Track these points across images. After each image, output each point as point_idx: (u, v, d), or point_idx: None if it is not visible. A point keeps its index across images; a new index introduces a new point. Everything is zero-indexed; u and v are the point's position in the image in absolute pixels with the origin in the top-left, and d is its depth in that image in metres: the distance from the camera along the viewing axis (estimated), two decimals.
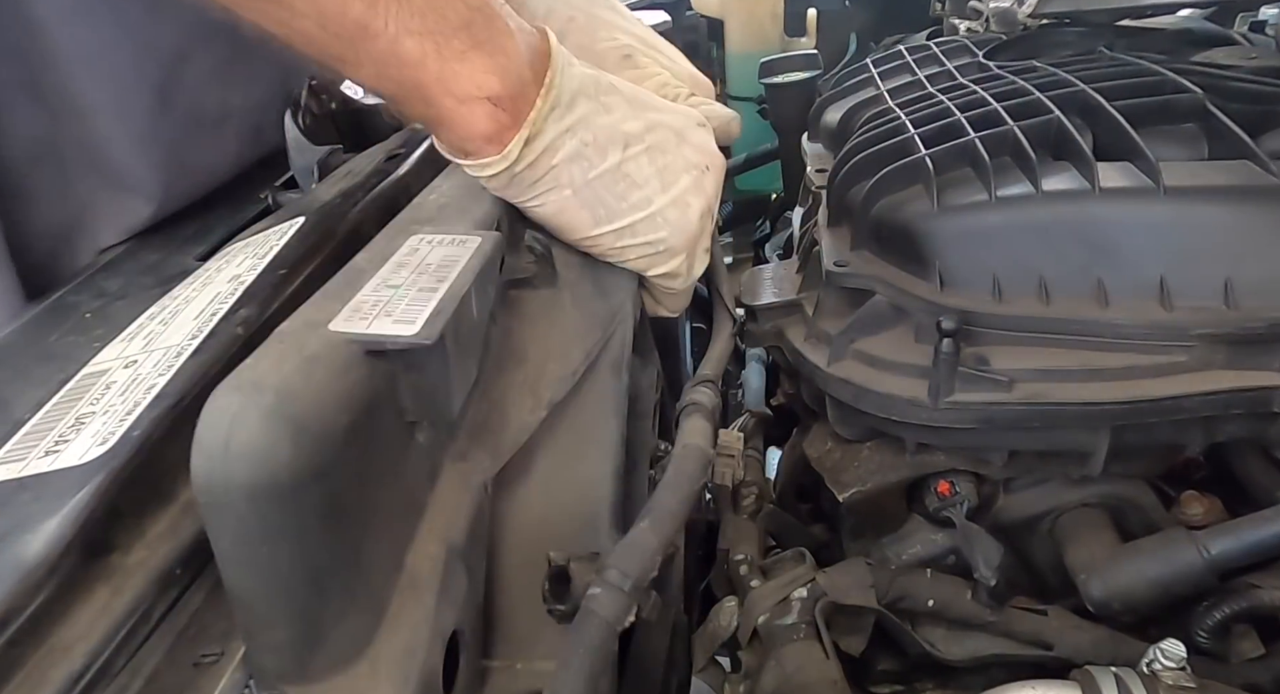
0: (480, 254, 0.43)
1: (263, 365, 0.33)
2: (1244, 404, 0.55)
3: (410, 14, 0.45)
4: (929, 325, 0.58)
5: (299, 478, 0.30)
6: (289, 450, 0.30)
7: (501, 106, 0.48)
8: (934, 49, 0.93)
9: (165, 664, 0.34)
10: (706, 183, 0.58)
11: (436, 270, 0.42)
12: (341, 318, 0.37)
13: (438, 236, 0.45)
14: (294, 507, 0.31)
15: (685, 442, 0.51)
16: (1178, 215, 0.56)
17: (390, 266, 0.42)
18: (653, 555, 0.42)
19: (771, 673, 0.56)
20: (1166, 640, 0.54)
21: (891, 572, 0.63)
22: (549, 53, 0.51)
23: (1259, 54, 0.78)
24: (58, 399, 0.42)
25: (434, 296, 0.39)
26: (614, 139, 0.54)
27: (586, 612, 0.39)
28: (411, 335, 0.36)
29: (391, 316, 0.37)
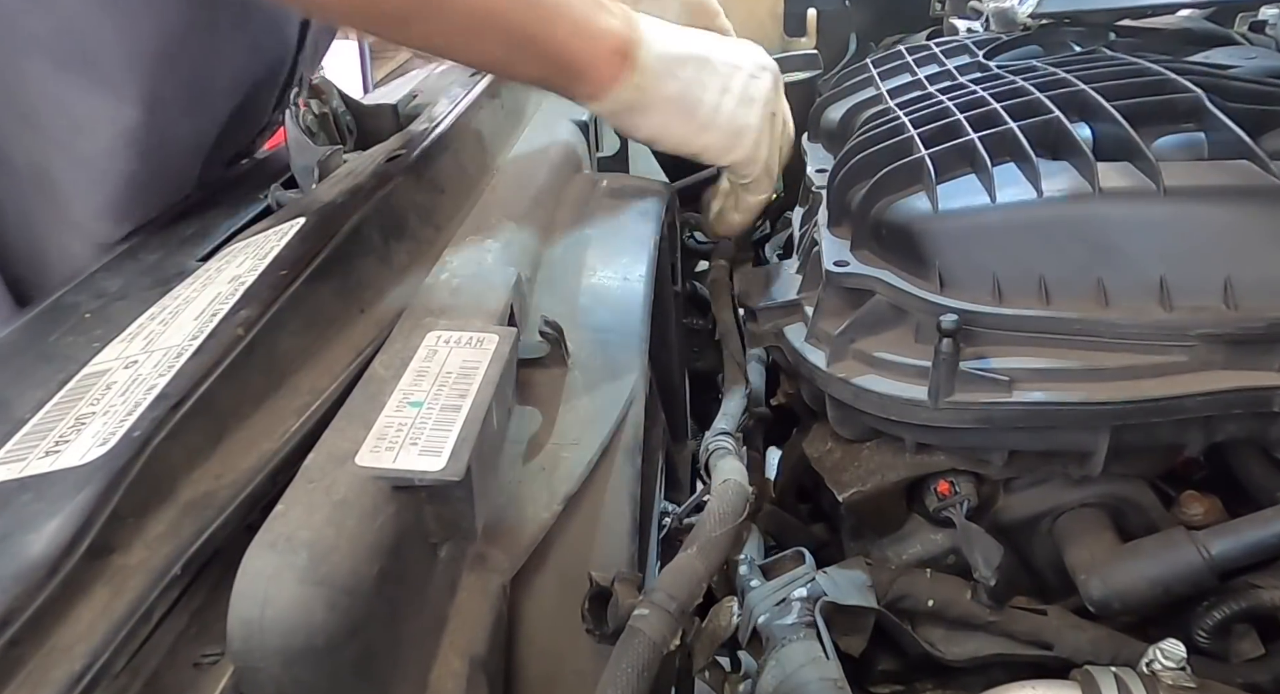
0: (498, 359, 0.44)
1: (294, 516, 0.33)
2: (1244, 404, 0.55)
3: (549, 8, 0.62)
4: (929, 325, 0.58)
5: (334, 639, 0.31)
6: (324, 614, 0.31)
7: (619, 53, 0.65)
8: (934, 49, 0.93)
9: (165, 664, 0.34)
10: (762, 82, 0.73)
11: (457, 381, 0.42)
12: (367, 449, 0.37)
13: (454, 335, 0.46)
14: (329, 667, 0.31)
15: (725, 477, 0.56)
16: (1178, 215, 0.56)
17: (410, 376, 0.43)
18: (700, 581, 0.43)
19: (771, 673, 0.56)
20: (1166, 640, 0.54)
21: (891, 572, 0.63)
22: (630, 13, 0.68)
23: (1259, 54, 0.78)
24: (58, 399, 0.42)
25: (457, 418, 0.39)
26: (686, 59, 0.69)
27: (633, 631, 0.39)
28: (439, 471, 0.36)
29: (417, 446, 0.38)
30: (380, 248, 0.59)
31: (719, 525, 0.48)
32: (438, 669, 0.38)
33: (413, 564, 0.37)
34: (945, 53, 0.91)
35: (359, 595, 0.32)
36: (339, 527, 0.33)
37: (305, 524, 0.33)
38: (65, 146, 0.65)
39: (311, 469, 0.36)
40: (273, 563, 0.31)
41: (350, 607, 0.32)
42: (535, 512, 0.47)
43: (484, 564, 0.43)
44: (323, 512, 0.33)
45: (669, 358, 0.81)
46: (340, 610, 0.31)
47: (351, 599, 0.32)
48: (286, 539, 0.32)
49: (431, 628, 0.39)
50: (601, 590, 0.42)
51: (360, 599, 0.32)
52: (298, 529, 0.32)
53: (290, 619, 0.30)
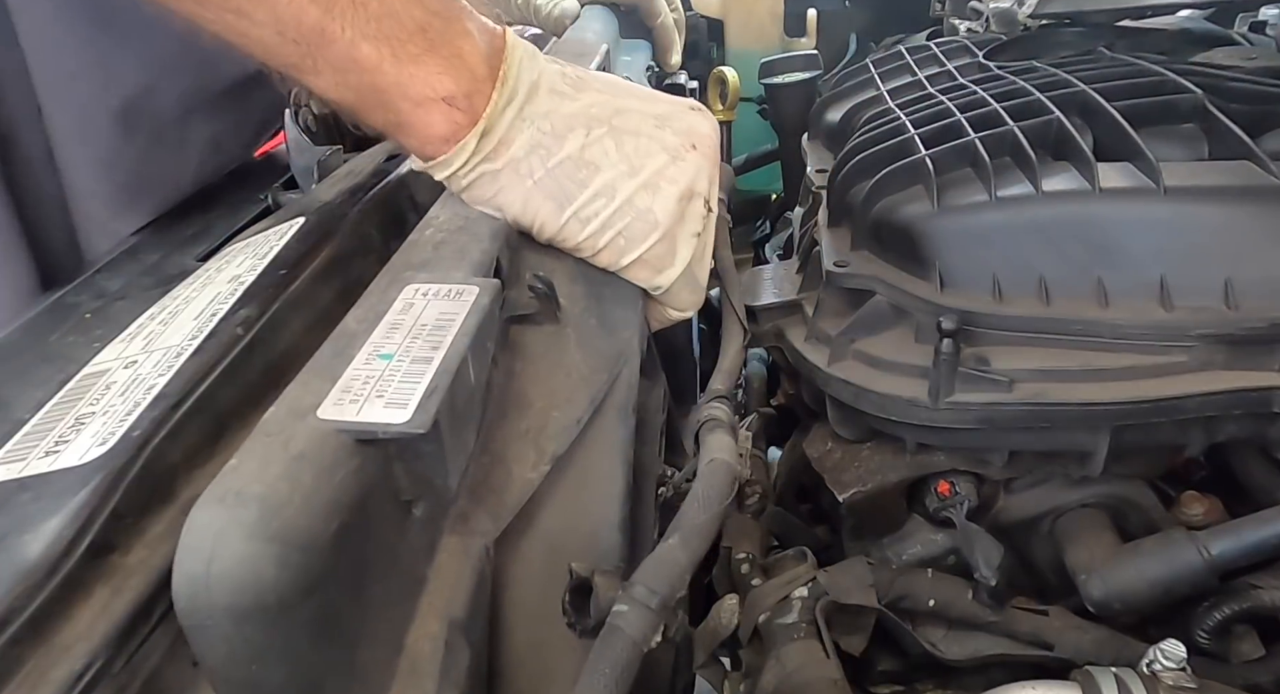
0: (477, 310, 0.42)
1: (246, 470, 0.31)
2: (1244, 404, 0.55)
3: (366, 19, 0.45)
4: (929, 325, 0.58)
5: (286, 598, 0.29)
6: (274, 571, 0.29)
7: (457, 106, 0.49)
8: (934, 49, 0.93)
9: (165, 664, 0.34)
10: (685, 165, 0.54)
11: (431, 333, 0.40)
12: (330, 402, 0.35)
13: (433, 288, 0.44)
14: (283, 626, 0.30)
15: (712, 456, 0.50)
16: (1178, 215, 0.56)
17: (383, 329, 0.41)
18: (682, 573, 0.40)
19: (772, 672, 0.56)
20: (1167, 641, 0.54)
21: (892, 571, 0.63)
22: (504, 48, 0.51)
23: (1259, 54, 0.78)
24: (58, 399, 0.42)
25: (428, 369, 0.37)
26: (574, 124, 0.52)
27: (612, 629, 0.37)
28: (403, 424, 0.34)
29: (383, 398, 0.36)
30: (380, 248, 0.59)
31: (703, 511, 0.44)
32: (414, 632, 0.36)
33: (382, 522, 0.35)
34: (945, 53, 0.91)
35: (314, 552, 0.30)
36: (294, 481, 0.31)
37: (257, 478, 0.31)
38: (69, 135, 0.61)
39: (269, 423, 0.34)
40: (220, 517, 0.29)
41: (304, 564, 0.30)
42: (521, 472, 0.45)
43: (466, 525, 0.40)
44: (278, 465, 0.32)
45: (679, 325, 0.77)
46: (293, 567, 0.29)
47: (305, 556, 0.30)
48: (236, 494, 0.30)
49: (407, 589, 0.37)
50: (582, 582, 0.40)
51: (316, 556, 0.30)
52: (249, 483, 0.31)
53: (237, 576, 0.29)
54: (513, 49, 0.51)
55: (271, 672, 0.30)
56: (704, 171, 0.56)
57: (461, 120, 0.49)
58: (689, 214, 0.56)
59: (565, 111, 0.52)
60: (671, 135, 0.55)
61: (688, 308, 0.61)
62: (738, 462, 0.51)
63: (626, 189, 0.53)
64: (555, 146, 0.52)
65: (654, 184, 0.53)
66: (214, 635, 0.29)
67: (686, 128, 0.56)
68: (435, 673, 0.35)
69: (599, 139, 0.53)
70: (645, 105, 0.55)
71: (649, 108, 0.56)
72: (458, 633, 0.37)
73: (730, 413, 0.58)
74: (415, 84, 0.47)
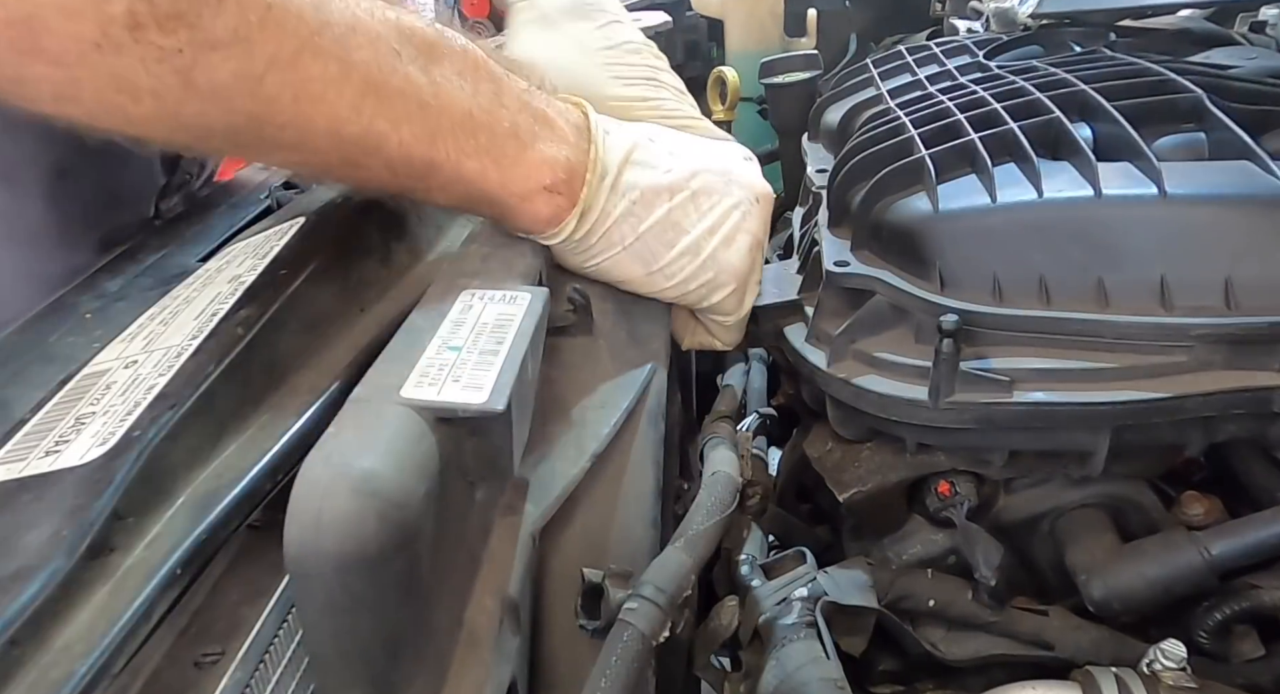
0: (532, 314, 0.45)
1: (347, 436, 0.34)
2: (1244, 404, 0.55)
3: (466, 138, 0.49)
4: (929, 325, 0.58)
5: (385, 550, 0.32)
6: (376, 524, 0.32)
7: (558, 191, 0.53)
8: (934, 49, 0.93)
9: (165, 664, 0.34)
10: (753, 217, 0.60)
11: (493, 331, 0.43)
12: (411, 383, 0.38)
13: (489, 293, 0.47)
14: (378, 577, 0.32)
15: (715, 469, 0.54)
16: (1178, 216, 0.56)
17: (448, 326, 0.44)
18: (686, 574, 0.43)
19: (772, 672, 0.56)
20: (1167, 641, 0.54)
21: (892, 572, 0.63)
22: (589, 127, 0.55)
23: (1259, 54, 0.78)
24: (58, 399, 0.42)
25: (496, 360, 0.41)
26: (659, 192, 0.57)
27: (622, 624, 0.40)
28: (482, 403, 0.38)
29: (459, 382, 0.39)
30: (380, 248, 0.59)
31: (706, 518, 0.48)
32: (472, 608, 0.39)
33: (453, 499, 0.38)
34: (945, 53, 0.91)
35: (408, 510, 0.33)
36: (390, 447, 0.34)
37: (357, 442, 0.34)
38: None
39: (360, 399, 0.37)
40: (327, 475, 0.32)
41: (400, 520, 0.32)
42: (564, 467, 0.48)
43: (514, 513, 0.44)
44: (373, 432, 0.35)
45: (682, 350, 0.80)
46: (391, 523, 0.32)
47: (401, 513, 0.33)
48: (340, 454, 0.33)
49: (467, 566, 0.40)
50: (594, 586, 0.42)
51: (408, 514, 0.33)
52: (351, 447, 0.34)
53: (344, 527, 0.31)
54: (595, 128, 0.56)
55: (362, 621, 0.33)
56: (765, 221, 0.62)
57: (563, 203, 0.54)
58: (755, 262, 0.62)
59: (650, 181, 0.56)
60: (739, 190, 0.60)
61: (731, 343, 0.67)
62: (739, 474, 0.55)
63: (709, 246, 0.58)
64: (645, 214, 0.56)
65: (731, 238, 0.59)
66: (319, 584, 0.32)
67: (749, 182, 0.61)
68: (492, 646, 0.38)
69: (682, 203, 0.57)
70: (712, 162, 0.60)
71: (715, 164, 0.60)
72: (510, 612, 0.39)
73: (733, 433, 0.62)
74: (517, 182, 0.52)
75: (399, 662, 0.34)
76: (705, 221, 0.58)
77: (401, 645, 0.34)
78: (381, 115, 0.46)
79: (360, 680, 0.33)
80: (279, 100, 0.42)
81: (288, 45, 0.41)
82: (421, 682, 0.35)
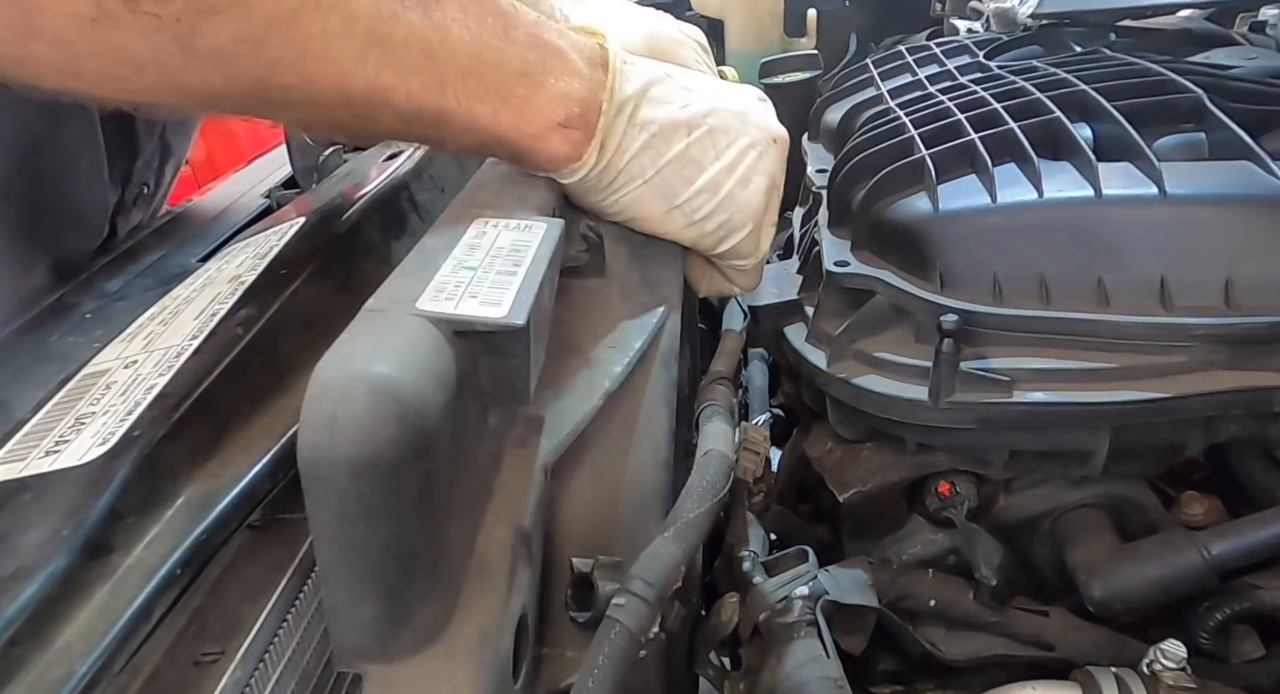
0: (549, 240, 0.44)
1: (362, 342, 0.33)
2: (1244, 404, 0.55)
3: (475, 82, 0.48)
4: (929, 325, 0.58)
5: (401, 456, 0.31)
6: (393, 428, 0.30)
7: (573, 126, 0.52)
8: (934, 49, 0.93)
9: (165, 664, 0.34)
10: (769, 158, 0.59)
11: (509, 254, 0.42)
12: (427, 297, 0.37)
13: (503, 221, 0.45)
14: (394, 485, 0.31)
15: (707, 447, 0.52)
16: (1178, 216, 0.56)
17: (463, 248, 0.42)
18: (676, 566, 0.42)
19: (771, 671, 0.56)
20: (1167, 641, 0.54)
21: (892, 571, 0.63)
22: (606, 59, 0.54)
23: (1259, 54, 0.78)
24: (58, 399, 0.42)
25: (514, 279, 0.39)
26: (678, 126, 0.55)
27: (610, 621, 0.38)
28: (501, 318, 0.36)
29: (476, 298, 0.37)
30: (380, 248, 0.59)
31: (697, 504, 0.46)
32: (483, 536, 0.38)
33: (468, 418, 0.37)
34: (945, 53, 0.91)
35: (427, 417, 0.32)
36: (408, 353, 0.33)
37: (376, 347, 0.33)
38: None
39: (374, 309, 0.36)
40: (344, 376, 0.31)
41: (419, 426, 0.31)
42: (575, 404, 0.47)
43: (526, 446, 0.42)
44: (390, 339, 0.33)
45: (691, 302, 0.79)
46: (409, 427, 0.31)
47: (420, 419, 0.31)
48: (356, 358, 0.32)
49: (479, 494, 0.39)
50: (583, 577, 0.41)
51: (426, 423, 0.32)
52: (368, 350, 0.32)
53: (361, 429, 0.30)
54: (613, 58, 0.54)
55: (376, 532, 0.31)
56: (781, 162, 0.60)
57: (579, 138, 0.52)
58: (771, 204, 0.60)
59: (667, 115, 0.55)
60: (755, 130, 0.58)
61: (749, 287, 0.66)
62: (732, 451, 0.53)
63: (727, 185, 0.57)
64: (663, 148, 0.55)
65: (748, 178, 0.58)
66: (332, 488, 0.30)
67: (764, 121, 0.60)
68: (505, 574, 0.37)
69: (699, 139, 0.56)
70: (728, 101, 0.59)
71: (732, 104, 0.59)
72: (522, 543, 0.38)
73: (730, 395, 0.59)
74: (530, 122, 0.50)
75: (412, 580, 0.33)
76: (723, 160, 0.57)
77: (414, 563, 0.33)
78: (387, 67, 0.45)
79: (372, 595, 0.32)
80: (282, 60, 0.42)
81: (286, 3, 0.40)
82: (434, 602, 0.34)
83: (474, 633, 0.35)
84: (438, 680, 0.33)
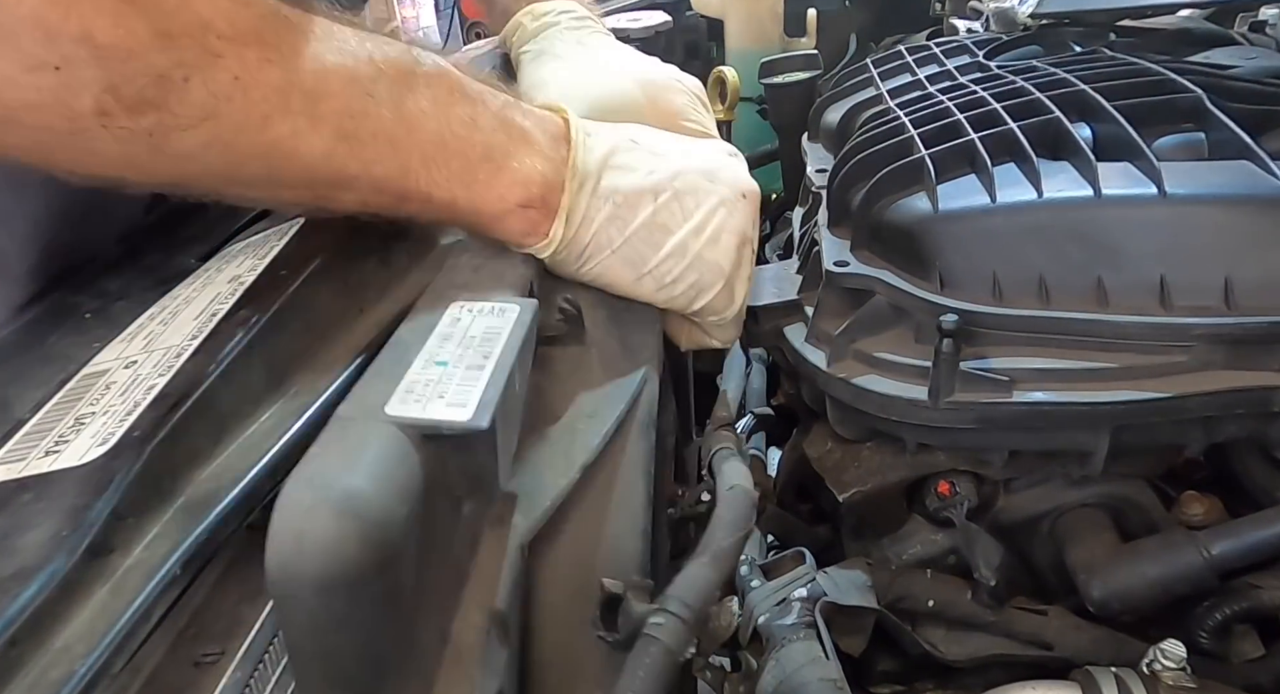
0: (520, 326, 0.45)
1: (330, 457, 0.34)
2: (1244, 404, 0.55)
3: (438, 168, 0.49)
4: (929, 325, 0.58)
5: (366, 571, 0.32)
6: (357, 546, 0.31)
7: (532, 206, 0.52)
8: (934, 49, 0.93)
9: (165, 664, 0.34)
10: (739, 215, 0.59)
11: (480, 344, 0.43)
12: (396, 400, 0.38)
13: (477, 305, 0.47)
14: (360, 598, 0.32)
15: (732, 483, 0.53)
16: (1178, 216, 0.56)
17: (435, 340, 0.44)
18: (712, 590, 0.43)
19: (771, 672, 0.56)
20: (1167, 641, 0.54)
21: (892, 572, 0.63)
22: (568, 134, 0.54)
23: (1259, 54, 0.78)
24: (58, 399, 0.42)
25: (482, 375, 0.41)
26: (643, 193, 0.56)
27: (648, 639, 0.39)
28: (466, 421, 0.38)
29: (444, 399, 0.39)
30: (380, 248, 0.59)
31: (729, 534, 0.48)
32: (458, 622, 0.38)
33: (438, 515, 0.38)
34: (945, 53, 0.91)
35: (389, 531, 0.33)
36: (373, 468, 0.34)
37: (340, 464, 0.34)
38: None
39: (343, 418, 0.37)
40: (309, 497, 0.32)
41: (382, 541, 0.32)
42: (553, 479, 0.47)
43: (502, 525, 0.43)
44: (356, 454, 0.35)
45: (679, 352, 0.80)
46: (373, 544, 0.32)
47: (384, 534, 0.32)
48: (322, 476, 0.33)
49: (454, 582, 0.40)
50: (612, 597, 0.42)
51: (391, 535, 0.33)
52: (334, 468, 0.34)
53: (326, 549, 0.31)
54: (575, 132, 0.55)
55: (345, 641, 0.33)
56: (752, 217, 0.60)
57: (537, 217, 0.53)
58: (744, 259, 0.60)
59: (631, 184, 0.56)
60: (724, 187, 0.59)
61: (728, 341, 0.65)
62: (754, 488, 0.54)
63: (696, 246, 0.57)
64: (630, 216, 0.55)
65: (716, 237, 0.58)
66: (300, 606, 0.32)
67: (733, 178, 0.60)
68: (479, 660, 0.37)
69: (666, 203, 0.56)
70: (695, 162, 0.59)
71: (699, 163, 0.59)
72: (498, 625, 0.39)
73: (737, 439, 0.61)
74: (490, 204, 0.51)
75: (384, 679, 0.34)
76: (691, 221, 0.57)
77: (385, 663, 0.34)
78: (353, 158, 0.46)
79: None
80: (250, 159, 0.44)
81: (255, 113, 0.42)
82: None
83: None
84: None
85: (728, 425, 0.63)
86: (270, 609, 0.36)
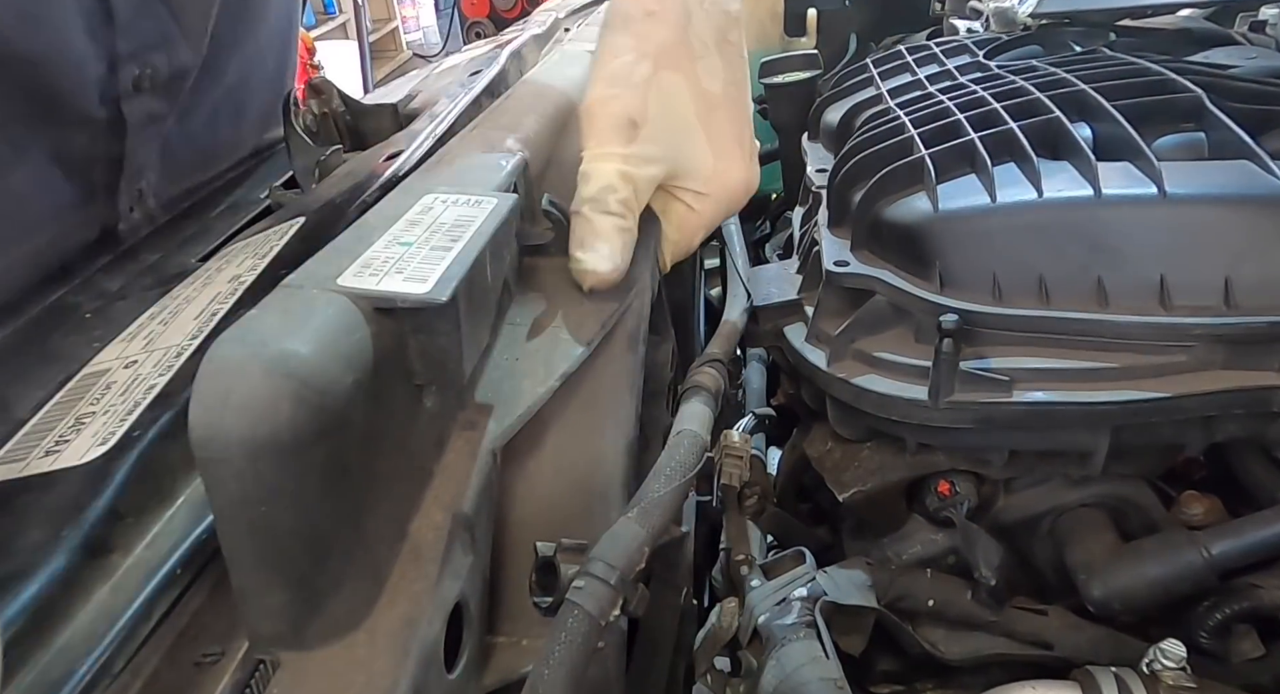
0: (495, 215, 0.42)
1: (267, 318, 0.32)
2: (1244, 404, 0.55)
3: None
4: (929, 325, 0.58)
5: (301, 436, 0.29)
6: (291, 407, 0.29)
7: None
8: (934, 49, 0.93)
9: (165, 664, 0.34)
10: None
11: (450, 230, 0.41)
12: (350, 273, 0.36)
13: (452, 196, 0.44)
14: (295, 466, 0.30)
15: (681, 427, 0.50)
16: (1178, 215, 0.56)
17: (402, 224, 0.41)
18: (640, 547, 0.40)
19: (771, 672, 0.56)
20: (1167, 640, 0.54)
21: (892, 571, 0.63)
22: None
23: (1259, 54, 0.78)
24: (58, 399, 0.42)
25: (447, 256, 0.38)
26: None
27: (569, 604, 0.37)
28: (423, 294, 0.35)
29: (403, 274, 0.36)
30: None
31: (665, 484, 0.44)
32: (418, 521, 0.36)
33: (394, 397, 0.36)
34: (945, 53, 0.91)
35: (330, 396, 0.30)
36: (314, 332, 0.32)
37: (279, 326, 0.31)
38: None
39: (290, 285, 0.35)
40: (240, 352, 0.30)
41: (320, 405, 0.30)
42: (531, 386, 0.45)
43: (474, 429, 0.41)
44: (297, 317, 0.32)
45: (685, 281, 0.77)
46: (308, 406, 0.29)
47: (321, 398, 0.30)
48: (257, 334, 0.31)
49: (414, 479, 0.37)
50: (546, 561, 0.40)
51: (331, 402, 0.30)
52: (270, 328, 0.31)
53: (255, 409, 0.29)
54: None
55: (280, 515, 0.30)
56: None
57: None
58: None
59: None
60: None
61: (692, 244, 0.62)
62: (708, 433, 0.51)
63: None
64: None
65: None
66: (227, 470, 0.29)
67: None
68: (438, 559, 0.35)
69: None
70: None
71: None
72: (461, 528, 0.37)
73: (719, 379, 0.57)
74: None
75: (325, 563, 0.32)
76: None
77: (326, 547, 0.32)
78: None
79: (279, 580, 0.31)
80: None
81: None
82: (352, 588, 0.33)
83: (398, 620, 0.33)
84: (355, 669, 0.32)
85: (714, 361, 0.59)
86: None
